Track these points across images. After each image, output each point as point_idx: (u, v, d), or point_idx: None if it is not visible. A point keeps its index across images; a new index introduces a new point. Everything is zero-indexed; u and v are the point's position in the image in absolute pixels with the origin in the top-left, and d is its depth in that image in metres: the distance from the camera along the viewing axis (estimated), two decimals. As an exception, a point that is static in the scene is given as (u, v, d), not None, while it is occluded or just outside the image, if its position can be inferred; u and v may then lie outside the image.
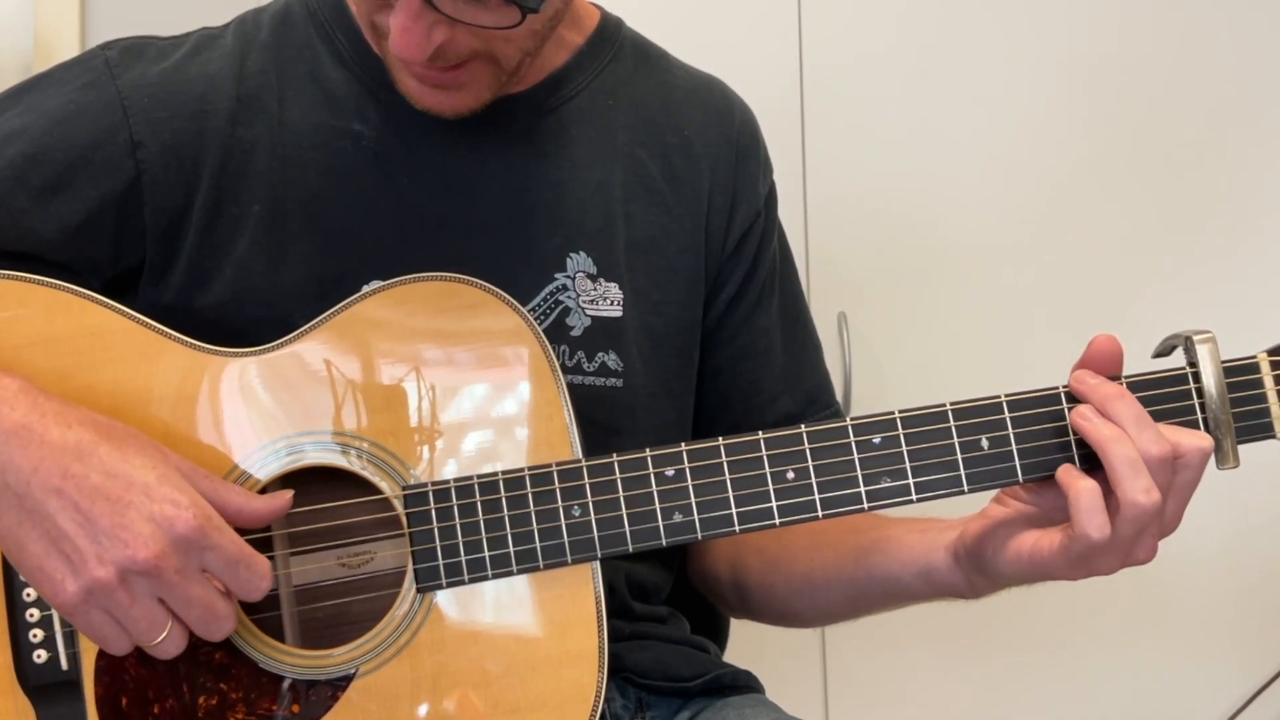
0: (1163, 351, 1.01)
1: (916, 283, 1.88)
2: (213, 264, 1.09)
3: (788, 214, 1.32)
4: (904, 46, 1.89)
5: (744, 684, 1.19)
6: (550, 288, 1.13)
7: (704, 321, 1.22)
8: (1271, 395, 0.99)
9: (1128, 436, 0.94)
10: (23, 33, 1.93)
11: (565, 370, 1.11)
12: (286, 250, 1.09)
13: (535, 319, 1.07)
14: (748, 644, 1.37)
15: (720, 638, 1.33)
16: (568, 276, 1.14)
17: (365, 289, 1.03)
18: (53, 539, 0.89)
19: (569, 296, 1.13)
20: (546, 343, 1.01)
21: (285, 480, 0.98)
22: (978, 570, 1.03)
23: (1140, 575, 0.99)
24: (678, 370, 1.20)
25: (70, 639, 0.95)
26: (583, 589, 0.98)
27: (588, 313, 1.14)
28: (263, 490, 0.98)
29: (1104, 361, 0.99)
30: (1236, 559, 1.91)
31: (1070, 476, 0.96)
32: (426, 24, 0.99)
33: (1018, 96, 1.89)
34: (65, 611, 0.91)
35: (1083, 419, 0.96)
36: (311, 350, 1.00)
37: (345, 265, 1.09)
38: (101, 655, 0.95)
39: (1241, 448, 0.99)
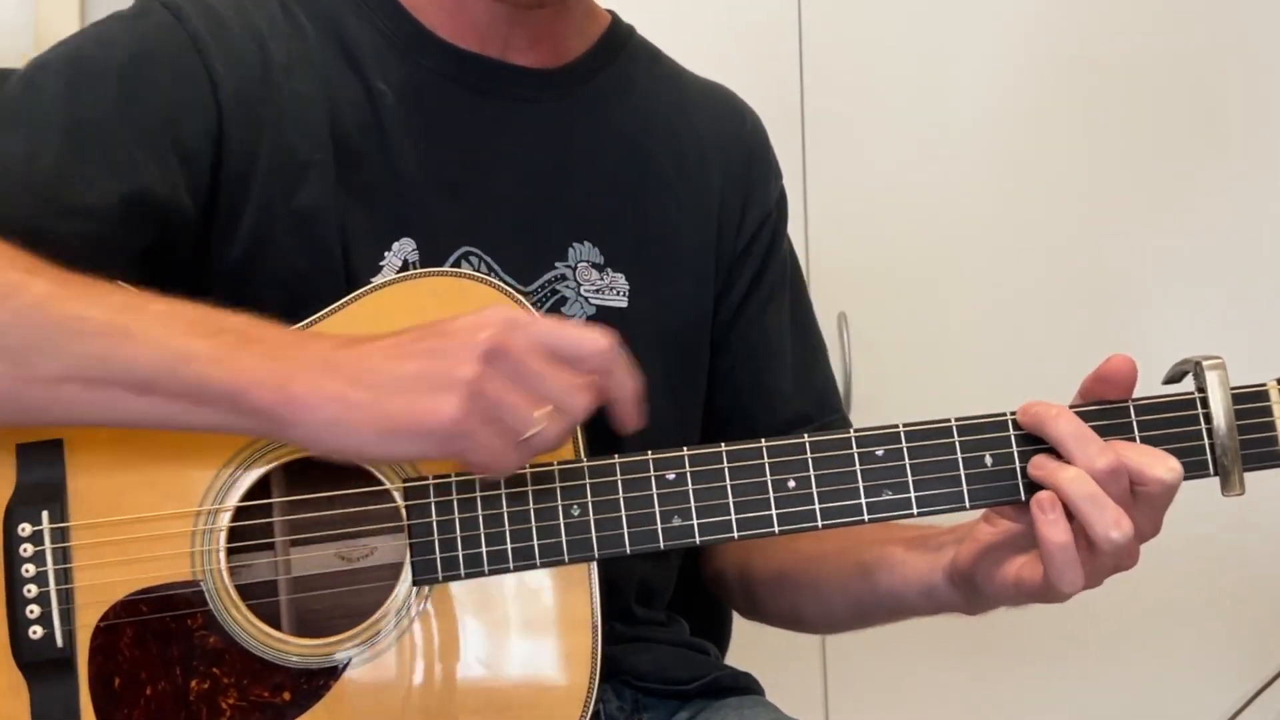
0: (1173, 377, 1.00)
1: (916, 283, 1.88)
2: (270, 215, 1.05)
3: (788, 214, 1.32)
4: (904, 46, 1.89)
5: (743, 685, 1.19)
6: (548, 275, 1.13)
7: (715, 320, 1.22)
8: (1280, 424, 0.98)
9: (1081, 473, 0.93)
10: (23, 33, 1.93)
11: None
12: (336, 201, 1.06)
13: (530, 306, 1.07)
14: (748, 645, 1.37)
15: (722, 640, 1.33)
16: (568, 266, 1.13)
17: (375, 280, 1.03)
18: (403, 387, 0.86)
19: (567, 286, 1.13)
20: None
21: (287, 471, 0.98)
22: (973, 593, 1.03)
23: (1140, 576, 0.99)
24: (681, 365, 1.20)
25: (66, 616, 0.95)
26: (579, 589, 0.98)
27: (592, 301, 1.14)
28: (264, 479, 0.97)
29: (1115, 383, 0.97)
30: (1236, 559, 1.91)
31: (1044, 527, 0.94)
32: None
33: (1018, 96, 1.89)
34: (450, 436, 0.86)
35: (1035, 468, 0.96)
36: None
37: (371, 222, 1.07)
38: (97, 634, 0.95)
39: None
